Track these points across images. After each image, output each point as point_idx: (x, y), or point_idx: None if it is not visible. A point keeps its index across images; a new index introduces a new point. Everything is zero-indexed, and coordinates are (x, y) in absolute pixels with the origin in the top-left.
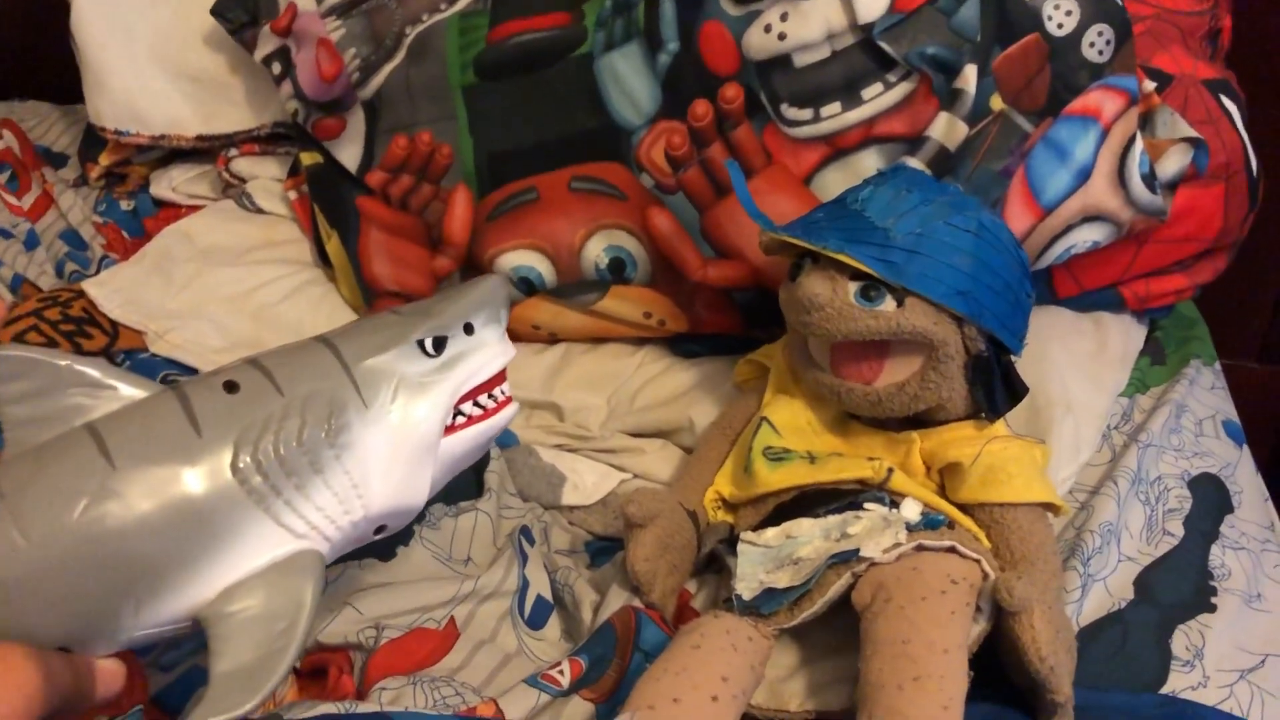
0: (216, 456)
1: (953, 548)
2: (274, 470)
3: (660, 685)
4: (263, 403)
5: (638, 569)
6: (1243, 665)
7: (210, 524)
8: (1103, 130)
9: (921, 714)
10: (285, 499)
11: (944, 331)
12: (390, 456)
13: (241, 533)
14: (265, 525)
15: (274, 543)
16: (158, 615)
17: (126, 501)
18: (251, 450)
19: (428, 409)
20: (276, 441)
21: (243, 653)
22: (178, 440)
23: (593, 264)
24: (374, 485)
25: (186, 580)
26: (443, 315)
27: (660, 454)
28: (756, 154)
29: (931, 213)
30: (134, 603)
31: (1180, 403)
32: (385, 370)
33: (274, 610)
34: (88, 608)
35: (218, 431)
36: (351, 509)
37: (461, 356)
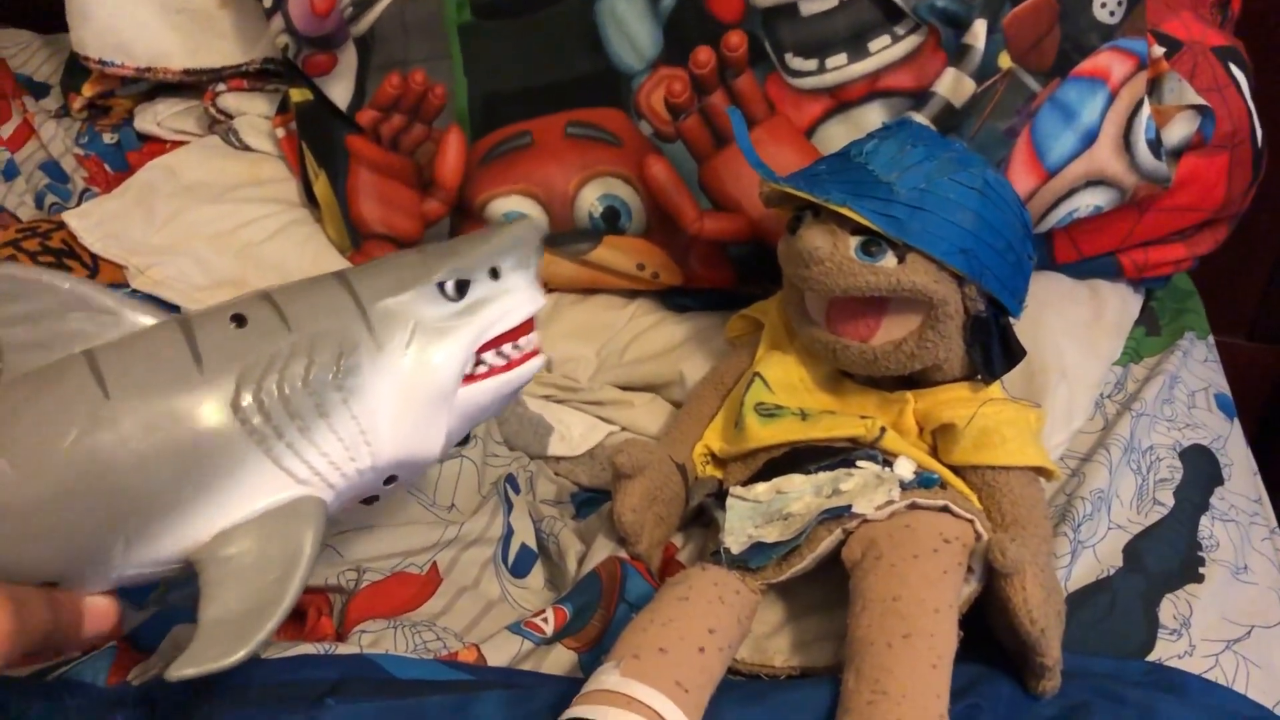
0: (217, 392)
1: (946, 507)
2: (277, 411)
3: (646, 635)
4: (270, 339)
5: (625, 520)
6: (1229, 635)
7: (206, 462)
8: (1110, 93)
9: (910, 672)
10: (287, 442)
11: (944, 290)
12: (402, 404)
13: (239, 474)
14: (265, 468)
15: (274, 487)
16: (149, 554)
17: (119, 433)
18: (254, 389)
19: (445, 355)
20: (281, 381)
21: (234, 600)
22: (177, 372)
23: (586, 212)
24: (383, 433)
25: (180, 519)
26: (468, 257)
27: (649, 408)
28: (758, 104)
29: (936, 169)
30: (124, 539)
31: (1174, 374)
32: (402, 312)
33: (270, 557)
34: (77, 542)
35: (220, 366)
36: (358, 457)
37: (485, 302)
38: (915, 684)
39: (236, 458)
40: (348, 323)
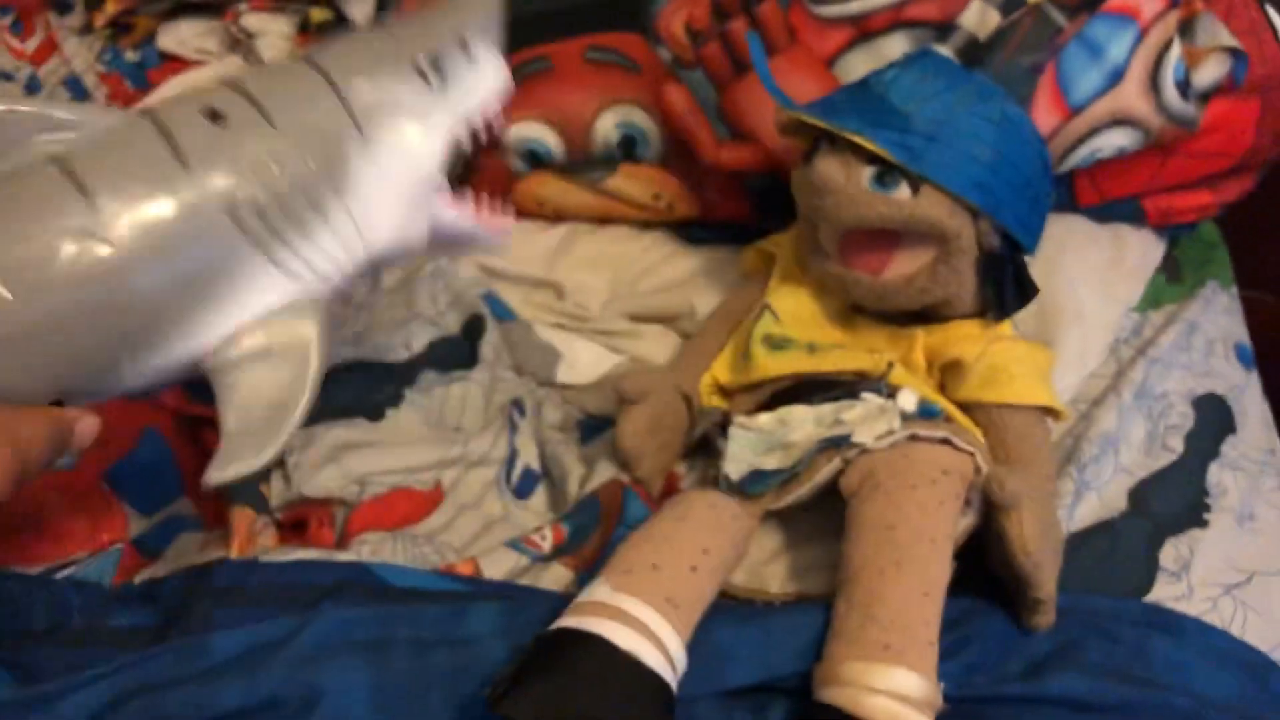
0: (208, 195)
1: (946, 439)
2: (274, 214)
3: (640, 551)
4: (254, 136)
5: (625, 444)
6: (1229, 581)
7: (206, 268)
8: (1140, 31)
9: (901, 599)
10: (286, 242)
11: (958, 224)
12: (391, 191)
13: (241, 278)
14: (266, 270)
15: (276, 288)
16: (156, 362)
17: (112, 242)
18: (249, 190)
19: (429, 140)
20: (275, 182)
21: (253, 400)
22: (163, 173)
23: (603, 140)
24: (378, 224)
25: (184, 326)
26: (436, 31)
27: (659, 339)
28: (780, 32)
29: (955, 100)
30: (129, 350)
31: (1193, 322)
32: (382, 96)
33: (281, 355)
34: (81, 359)
35: (207, 166)
36: (354, 249)
37: (460, 79)
38: (906, 611)
39: (235, 261)
40: (330, 114)
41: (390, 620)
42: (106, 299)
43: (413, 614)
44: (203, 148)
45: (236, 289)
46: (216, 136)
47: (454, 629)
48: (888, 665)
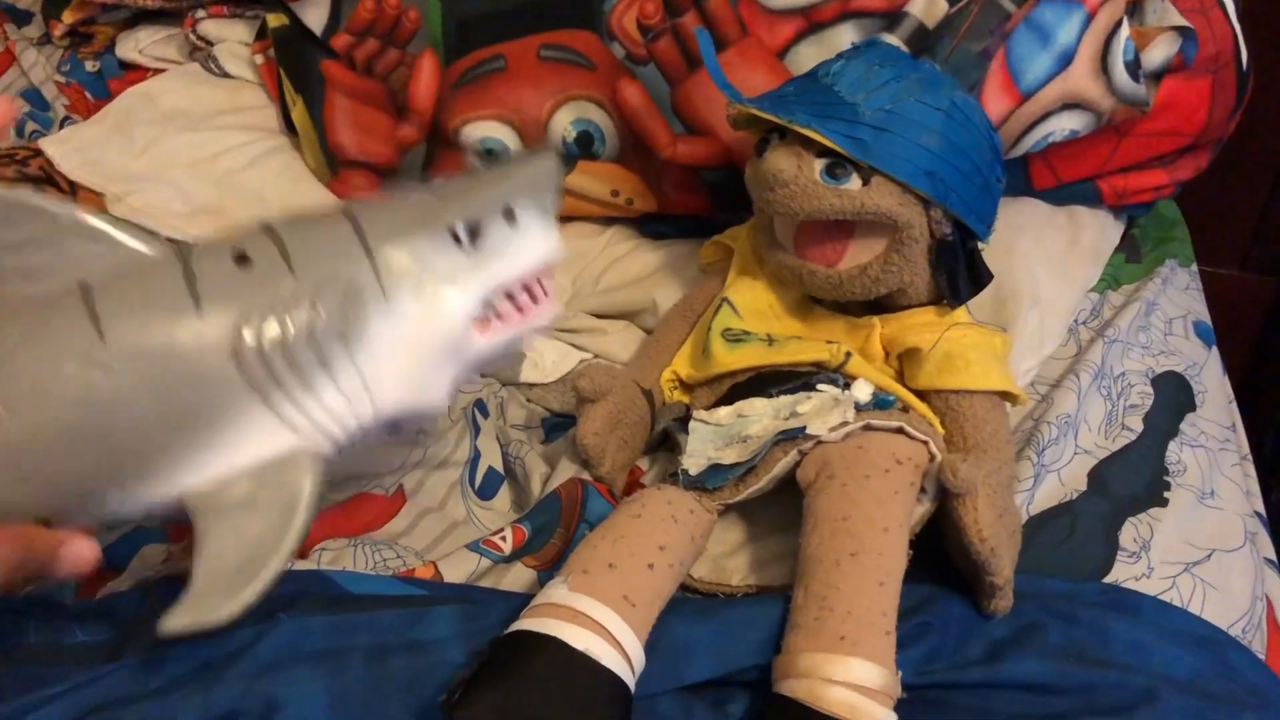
0: (215, 338)
1: (900, 428)
2: (277, 361)
3: (597, 551)
4: (272, 281)
5: (586, 442)
6: (1188, 558)
7: (203, 409)
8: (1088, 14)
9: (857, 589)
10: (287, 392)
11: (909, 213)
12: (409, 354)
13: (237, 422)
14: (264, 417)
15: (273, 437)
16: (144, 497)
17: (114, 376)
18: (254, 335)
19: (455, 305)
20: (283, 330)
21: (229, 552)
22: (174, 310)
23: (560, 137)
24: (388, 384)
25: (176, 464)
26: (481, 197)
27: (622, 335)
28: (731, 25)
29: (903, 90)
30: (119, 482)
31: (1151, 301)
32: (411, 258)
33: (266, 509)
34: (70, 484)
35: (219, 309)
36: (360, 409)
37: (499, 247)
38: (862, 600)
39: (234, 406)
40: (354, 268)
41: (348, 628)
42: (100, 429)
43: (371, 620)
44: (218, 289)
45: (231, 432)
46: (235, 279)
47: (413, 634)
48: (845, 656)
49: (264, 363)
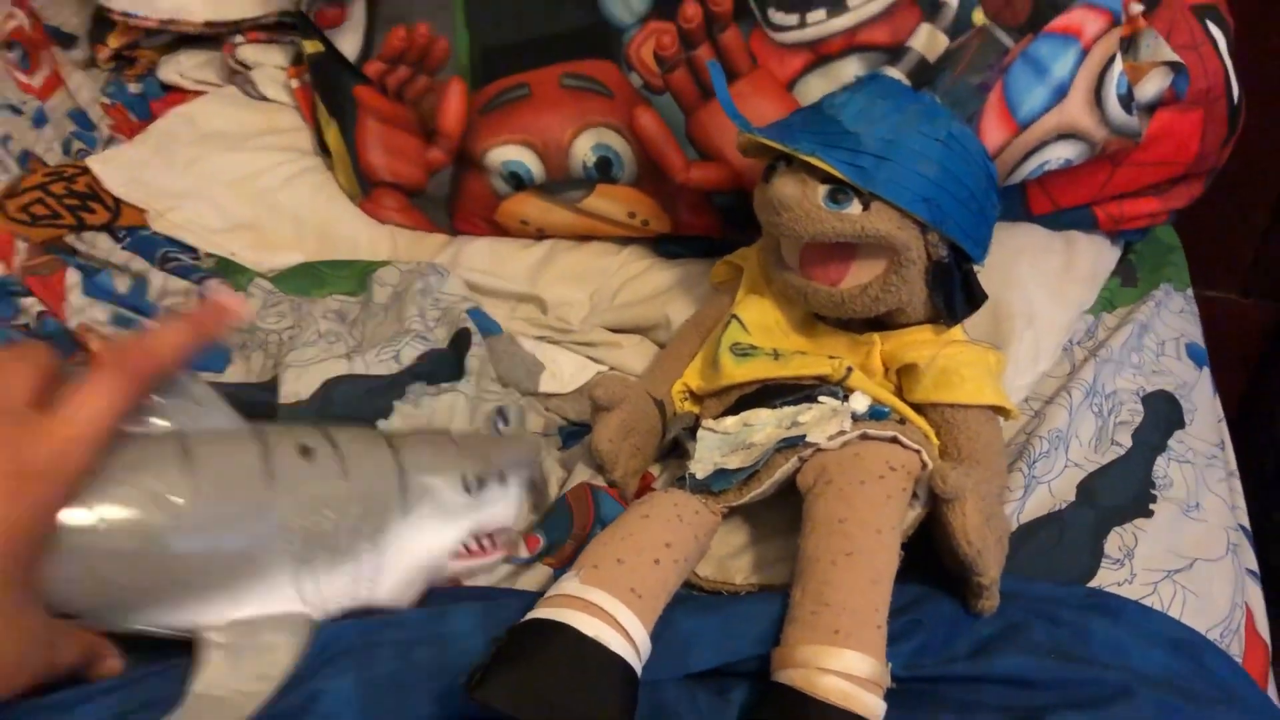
0: (273, 508)
1: (894, 438)
2: (314, 542)
3: (606, 548)
4: (330, 480)
5: (600, 449)
6: (1170, 566)
7: (246, 565)
8: (1082, 49)
9: (850, 586)
10: (312, 569)
11: (907, 236)
12: (407, 563)
13: (266, 583)
14: (284, 584)
15: (286, 599)
16: (167, 620)
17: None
18: (308, 519)
19: (449, 535)
20: (336, 523)
21: (222, 682)
22: (252, 477)
23: (580, 162)
24: (384, 582)
25: (206, 601)
26: (491, 461)
27: (637, 349)
28: (742, 57)
29: (902, 121)
30: (155, 603)
31: (1144, 323)
32: (431, 491)
33: (261, 655)
34: (114, 594)
35: (286, 489)
36: (358, 596)
37: (489, 501)
38: (855, 597)
39: (271, 570)
40: (390, 486)
41: (375, 626)
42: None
43: (397, 619)
44: (287, 472)
45: (259, 591)
46: (301, 468)
47: (436, 629)
48: (838, 648)
49: (305, 542)
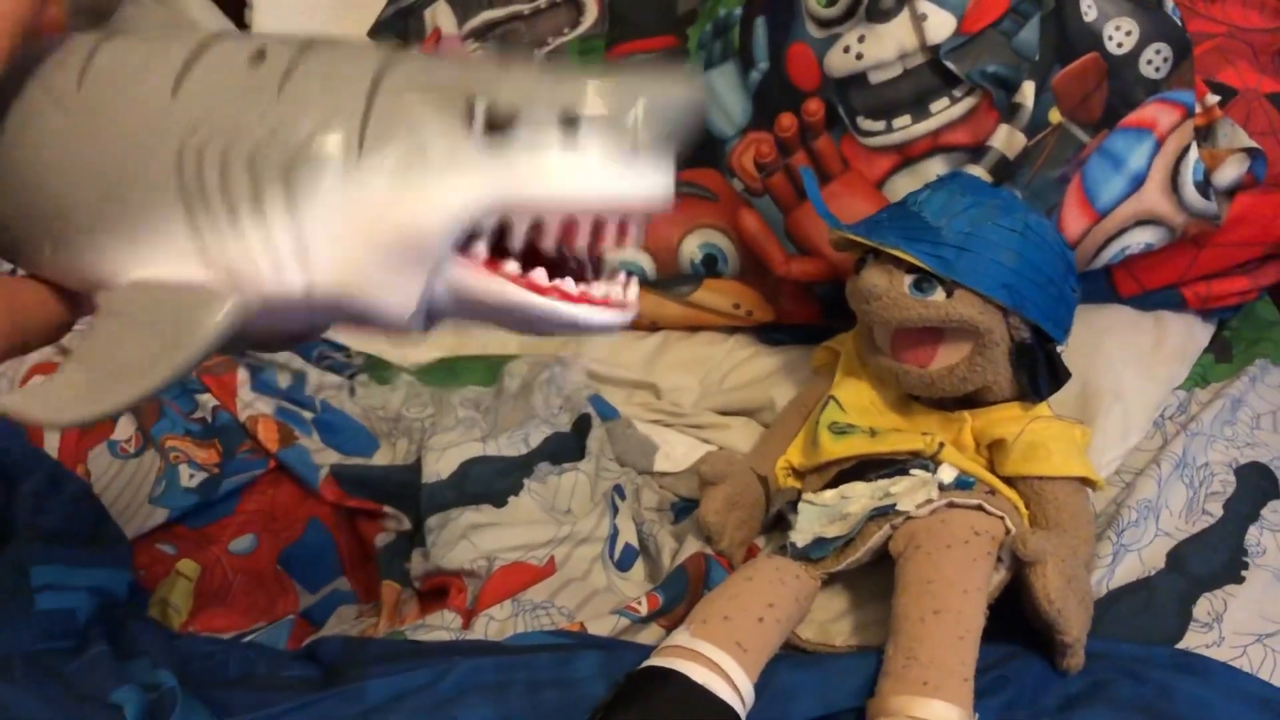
0: (170, 129)
1: (980, 505)
2: (211, 179)
3: (715, 605)
4: (256, 93)
5: (708, 520)
6: (1262, 630)
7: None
8: (1157, 141)
9: (939, 642)
10: (211, 217)
11: (989, 320)
12: (362, 232)
13: (160, 226)
14: (183, 234)
15: (191, 259)
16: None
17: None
18: (201, 142)
19: (437, 198)
20: (228, 146)
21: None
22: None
23: (689, 259)
24: (326, 255)
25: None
26: (540, 87)
27: (744, 430)
28: (834, 161)
29: (981, 214)
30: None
31: (1238, 398)
32: (408, 120)
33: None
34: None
35: (192, 103)
36: (284, 270)
37: (528, 151)
38: (943, 652)
39: (160, 206)
40: (342, 109)
41: (509, 667)
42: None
43: (527, 661)
44: (205, 83)
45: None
46: (227, 79)
47: (563, 672)
48: (928, 698)
49: (198, 173)
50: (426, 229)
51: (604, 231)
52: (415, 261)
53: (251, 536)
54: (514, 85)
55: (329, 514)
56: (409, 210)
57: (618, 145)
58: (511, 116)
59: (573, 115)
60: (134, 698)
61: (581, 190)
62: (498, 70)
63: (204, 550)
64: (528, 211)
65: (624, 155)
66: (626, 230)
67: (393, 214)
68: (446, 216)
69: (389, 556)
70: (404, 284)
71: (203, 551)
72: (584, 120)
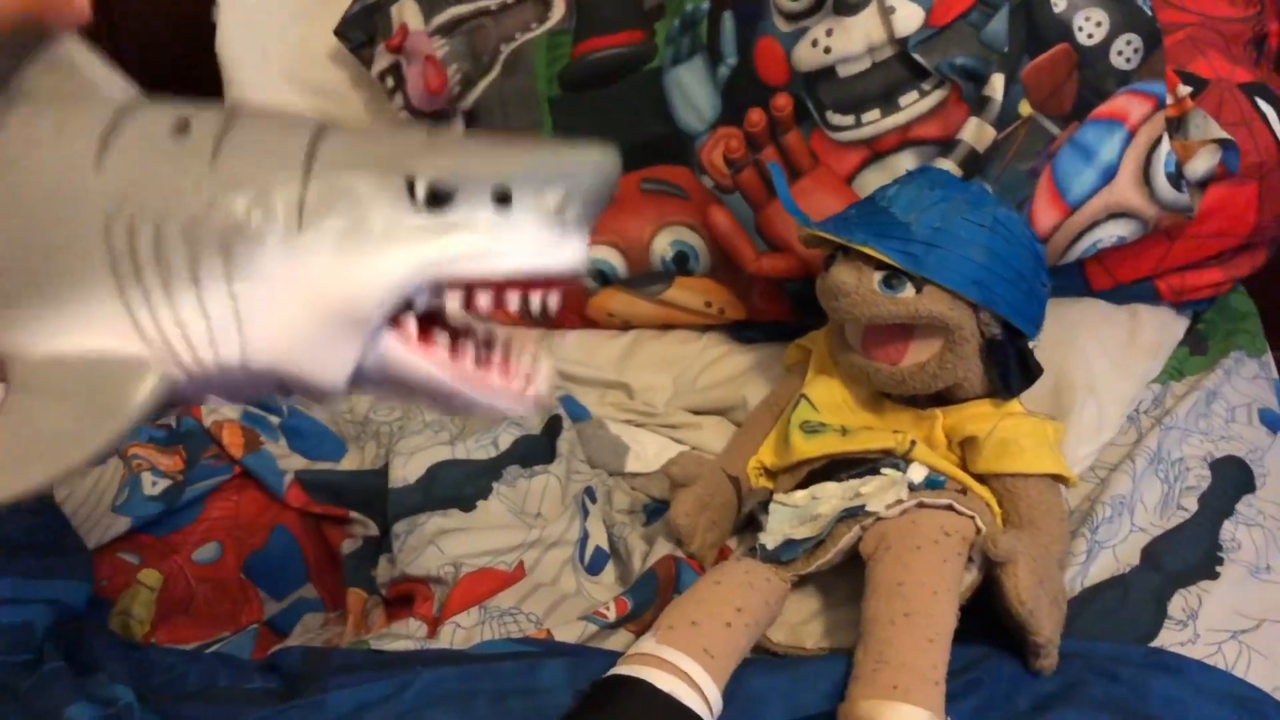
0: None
1: (949, 505)
2: (145, 251)
3: (682, 610)
4: (186, 165)
5: (678, 523)
6: (1236, 626)
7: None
8: (1128, 132)
9: (909, 644)
10: (145, 290)
11: (959, 316)
12: (301, 305)
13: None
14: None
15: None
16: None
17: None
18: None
19: (376, 269)
20: (163, 218)
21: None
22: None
23: (660, 257)
24: (263, 328)
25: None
26: (471, 162)
27: (716, 429)
28: (804, 156)
29: (950, 209)
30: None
31: (1212, 390)
32: (348, 195)
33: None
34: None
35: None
36: (222, 345)
37: (464, 227)
38: (914, 655)
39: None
40: (278, 182)
41: (474, 676)
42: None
43: (493, 670)
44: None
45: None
46: (154, 149)
47: (528, 681)
48: (898, 702)
49: (131, 247)
50: (365, 300)
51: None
52: (352, 333)
53: (216, 544)
54: (449, 162)
55: (295, 520)
56: (348, 282)
57: (546, 219)
58: (449, 193)
59: (505, 192)
60: (90, 714)
61: (514, 262)
62: (429, 145)
63: (167, 559)
64: (462, 282)
65: (551, 228)
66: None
67: (332, 286)
68: (385, 287)
69: (355, 563)
70: (339, 354)
71: (166, 561)
72: (515, 197)
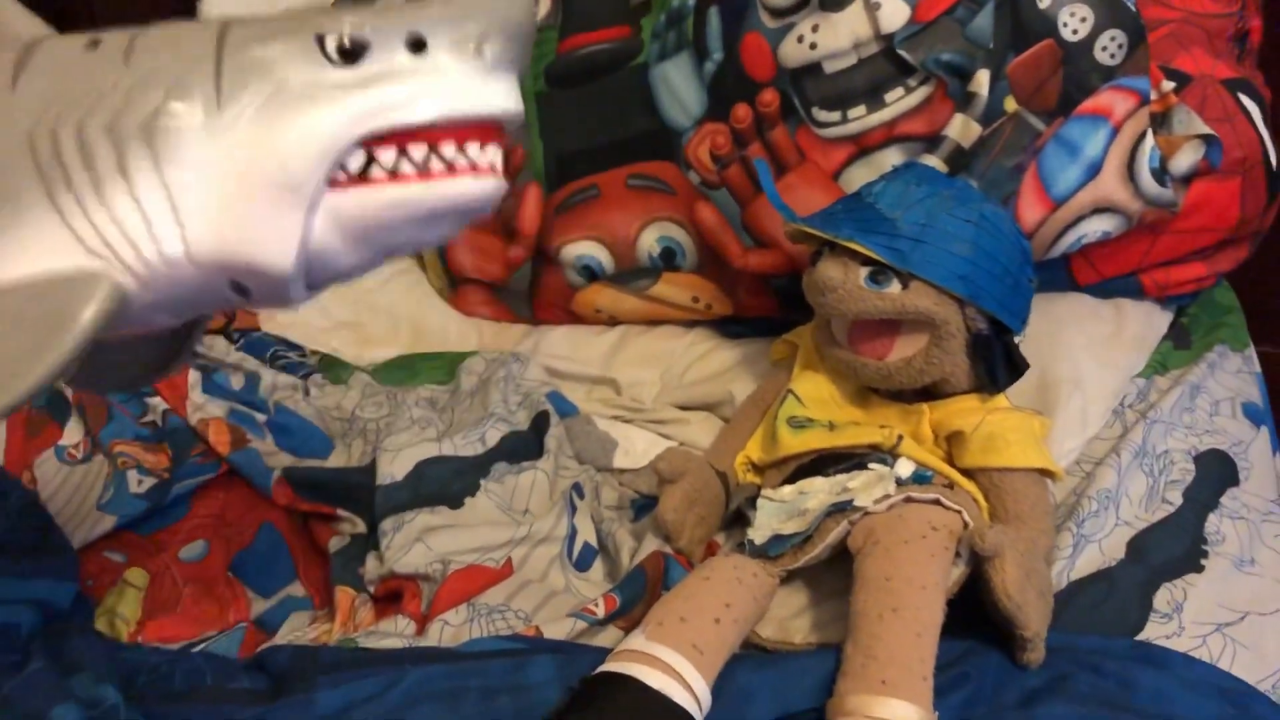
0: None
1: (937, 500)
2: (70, 153)
3: (671, 607)
4: (102, 71)
5: (666, 519)
6: (1221, 619)
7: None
8: (1113, 128)
9: (897, 639)
10: (77, 194)
11: (945, 311)
12: (233, 184)
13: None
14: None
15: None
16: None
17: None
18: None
19: (302, 133)
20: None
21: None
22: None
23: (646, 253)
24: (200, 216)
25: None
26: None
27: (704, 425)
28: (790, 152)
29: (936, 205)
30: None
31: (1196, 384)
32: (262, 67)
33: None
34: None
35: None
36: (163, 237)
37: (384, 78)
38: (901, 650)
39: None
40: (192, 67)
41: (462, 674)
42: None
43: (481, 668)
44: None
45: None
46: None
47: (517, 678)
48: (886, 697)
49: (57, 154)
50: (297, 165)
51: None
52: (290, 201)
53: (202, 543)
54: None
55: (282, 518)
56: (277, 150)
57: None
58: (362, 46)
59: (419, 38)
60: (75, 715)
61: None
62: (334, 9)
63: (154, 558)
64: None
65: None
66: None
67: (260, 156)
68: (316, 149)
69: (343, 561)
70: (282, 226)
71: (152, 559)
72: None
